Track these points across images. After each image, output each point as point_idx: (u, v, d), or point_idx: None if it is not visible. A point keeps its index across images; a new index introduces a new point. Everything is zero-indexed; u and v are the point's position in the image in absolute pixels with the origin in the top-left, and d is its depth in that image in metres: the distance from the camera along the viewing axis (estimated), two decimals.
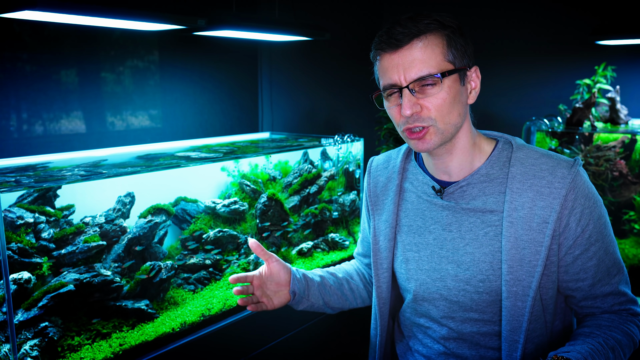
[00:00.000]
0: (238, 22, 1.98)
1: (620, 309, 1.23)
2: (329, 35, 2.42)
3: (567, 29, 2.77)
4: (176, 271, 1.98)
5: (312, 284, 1.37)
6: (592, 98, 2.49)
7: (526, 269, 1.16)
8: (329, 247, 2.47)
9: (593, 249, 1.18)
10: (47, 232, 1.71)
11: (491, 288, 1.20)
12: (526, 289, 1.16)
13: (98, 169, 1.91)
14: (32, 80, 2.21)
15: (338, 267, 1.54)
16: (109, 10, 1.57)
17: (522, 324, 1.17)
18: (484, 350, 1.25)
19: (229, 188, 2.34)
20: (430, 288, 1.27)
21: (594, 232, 1.17)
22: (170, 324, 1.82)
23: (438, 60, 1.13)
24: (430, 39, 1.14)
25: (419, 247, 1.30)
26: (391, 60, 1.14)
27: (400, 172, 1.36)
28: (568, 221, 1.15)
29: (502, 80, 2.99)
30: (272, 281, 1.34)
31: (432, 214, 1.28)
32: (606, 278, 1.20)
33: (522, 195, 1.17)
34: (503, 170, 1.22)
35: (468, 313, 1.24)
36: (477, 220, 1.22)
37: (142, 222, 1.93)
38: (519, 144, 1.25)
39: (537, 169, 1.19)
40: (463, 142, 1.23)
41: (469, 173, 1.24)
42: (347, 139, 2.50)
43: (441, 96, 1.13)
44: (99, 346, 1.66)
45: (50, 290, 1.60)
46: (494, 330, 1.23)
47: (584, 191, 1.17)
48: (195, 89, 2.76)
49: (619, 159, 2.40)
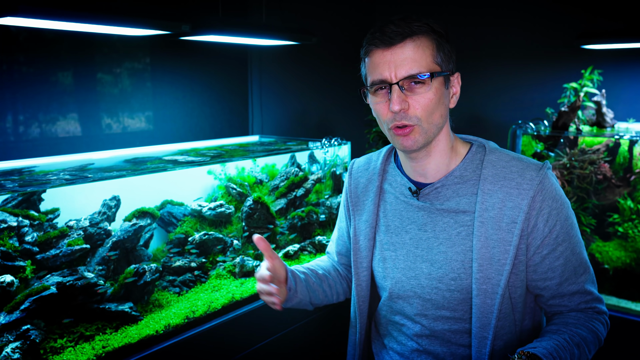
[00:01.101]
0: (222, 27, 2.00)
1: (587, 307, 1.26)
2: (316, 39, 2.44)
3: (555, 34, 2.79)
4: (161, 274, 1.99)
5: (300, 280, 1.39)
6: (577, 102, 2.51)
7: (495, 267, 1.19)
8: (316, 249, 2.48)
9: (560, 249, 1.21)
10: (31, 236, 1.73)
11: (462, 286, 1.23)
12: (495, 286, 1.19)
13: (84, 172, 1.93)
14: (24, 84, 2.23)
15: (315, 264, 1.55)
16: (90, 16, 1.59)
17: (491, 321, 1.20)
18: (455, 347, 1.28)
19: (216, 191, 2.36)
20: (405, 286, 1.31)
21: (561, 232, 1.21)
22: (154, 327, 1.83)
23: (428, 61, 1.16)
24: (422, 40, 1.17)
25: (396, 246, 1.33)
26: (383, 57, 1.17)
27: (381, 173, 1.39)
28: (536, 222, 1.19)
29: (491, 84, 3.01)
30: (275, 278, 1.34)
31: (409, 214, 1.31)
32: (573, 277, 1.24)
33: (493, 196, 1.21)
34: (476, 172, 1.26)
35: (440, 311, 1.27)
36: (450, 221, 1.25)
37: (127, 226, 1.95)
38: (492, 148, 1.29)
39: (508, 171, 1.23)
40: (442, 145, 1.26)
41: (444, 175, 1.27)
42: (334, 142, 2.52)
43: (428, 96, 1.16)
44: (81, 348, 1.68)
45: (33, 294, 1.61)
46: (465, 328, 1.26)
47: (552, 193, 1.20)
48: (185, 92, 2.78)
49: (603, 162, 2.42)
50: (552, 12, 2.78)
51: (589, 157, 2.41)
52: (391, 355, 1.40)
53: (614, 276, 2.36)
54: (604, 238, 2.44)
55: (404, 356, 1.36)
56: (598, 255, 2.39)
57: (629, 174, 2.41)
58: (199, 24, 1.99)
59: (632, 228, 2.34)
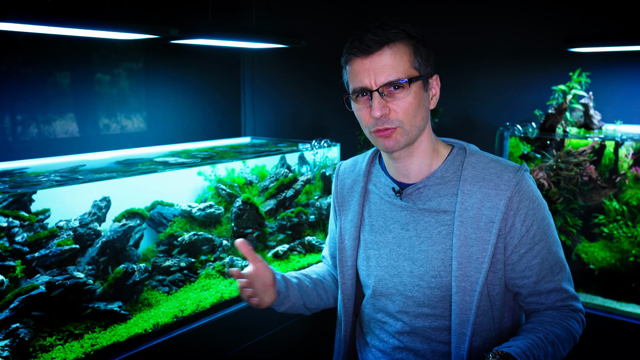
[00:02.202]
0: (211, 31, 2.03)
1: (563, 305, 1.31)
2: (305, 42, 2.47)
3: (545, 36, 2.81)
4: (150, 273, 2.03)
5: (291, 284, 1.43)
6: (564, 104, 2.53)
7: (474, 265, 1.23)
8: (306, 249, 2.51)
9: (537, 248, 1.26)
10: (21, 236, 1.77)
11: (442, 283, 1.27)
12: (474, 284, 1.23)
13: (75, 174, 1.96)
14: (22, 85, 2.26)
15: (310, 270, 1.59)
16: (78, 21, 1.62)
17: (469, 318, 1.24)
18: (435, 344, 1.32)
19: (206, 192, 2.39)
20: (388, 283, 1.35)
21: (538, 232, 1.25)
22: (143, 325, 1.86)
23: (406, 66, 1.21)
24: (399, 47, 1.21)
25: (380, 245, 1.37)
26: (362, 65, 1.21)
27: (366, 174, 1.44)
28: (514, 221, 1.23)
29: (479, 86, 3.04)
30: (259, 281, 1.37)
31: (392, 214, 1.36)
32: (549, 275, 1.28)
33: (472, 196, 1.25)
34: (456, 173, 1.30)
35: (421, 308, 1.31)
36: (432, 220, 1.30)
37: (116, 226, 1.98)
38: (472, 150, 1.33)
39: (487, 172, 1.27)
40: (424, 146, 1.30)
41: (426, 175, 1.31)
42: (324, 144, 2.55)
43: (408, 100, 1.21)
44: (70, 346, 1.71)
45: (22, 293, 1.65)
46: (445, 325, 1.30)
47: (529, 194, 1.25)
48: (178, 94, 2.81)
49: (589, 163, 2.44)
50: (541, 15, 2.80)
51: (574, 159, 2.44)
52: (373, 353, 1.43)
53: (600, 276, 2.39)
54: (590, 239, 2.47)
55: (385, 353, 1.40)
56: (584, 256, 2.42)
57: (614, 176, 2.44)
58: (187, 28, 2.02)
59: (617, 229, 2.36)
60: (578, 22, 2.68)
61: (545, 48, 2.82)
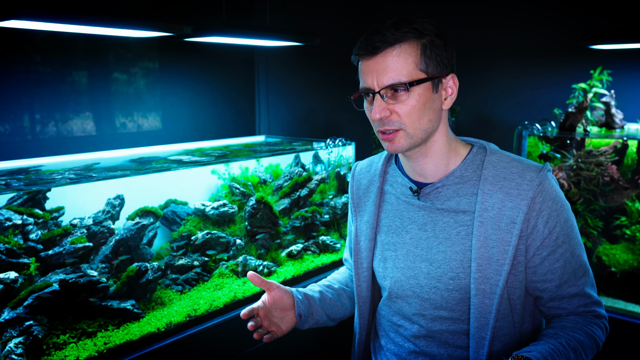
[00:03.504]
0: (224, 28, 2.02)
1: (585, 310, 1.26)
2: (319, 40, 2.45)
3: (564, 33, 2.76)
4: (163, 272, 2.02)
5: (314, 301, 1.41)
6: (584, 102, 2.47)
7: (494, 267, 1.20)
8: (320, 249, 2.49)
9: (560, 250, 1.22)
10: (35, 234, 1.77)
11: (460, 285, 1.24)
12: (494, 287, 1.20)
13: (89, 172, 1.96)
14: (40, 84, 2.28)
15: (332, 278, 1.58)
16: (92, 19, 1.62)
17: (489, 321, 1.20)
18: (453, 349, 1.29)
19: (219, 191, 2.38)
20: (404, 285, 1.32)
21: (561, 234, 1.21)
22: (156, 324, 1.86)
23: (409, 69, 1.18)
24: (404, 48, 1.18)
25: (396, 246, 1.34)
26: (367, 66, 1.20)
27: (381, 175, 1.41)
28: (536, 223, 1.19)
29: (498, 85, 2.99)
30: (277, 308, 1.35)
31: (409, 214, 1.33)
32: (572, 279, 1.24)
33: (493, 196, 1.22)
34: (476, 172, 1.27)
35: (438, 311, 1.28)
36: (450, 220, 1.26)
37: (130, 224, 1.98)
38: (493, 149, 1.30)
39: (508, 172, 1.24)
40: (438, 146, 1.27)
41: (444, 175, 1.28)
42: (339, 142, 2.53)
43: (410, 103, 1.18)
44: (83, 345, 1.71)
45: (36, 290, 1.65)
46: (463, 329, 1.27)
47: (552, 195, 1.21)
48: (192, 93, 2.81)
49: (610, 164, 2.39)
50: (561, 12, 2.75)
51: (595, 159, 2.38)
52: (388, 357, 1.40)
53: (621, 279, 2.33)
54: (611, 241, 2.41)
55: (401, 357, 1.37)
56: (605, 258, 2.36)
57: (637, 176, 2.37)
58: (201, 26, 2.02)
59: None
60: (598, 18, 2.62)
61: (564, 45, 2.76)
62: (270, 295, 1.33)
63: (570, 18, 2.73)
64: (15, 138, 2.25)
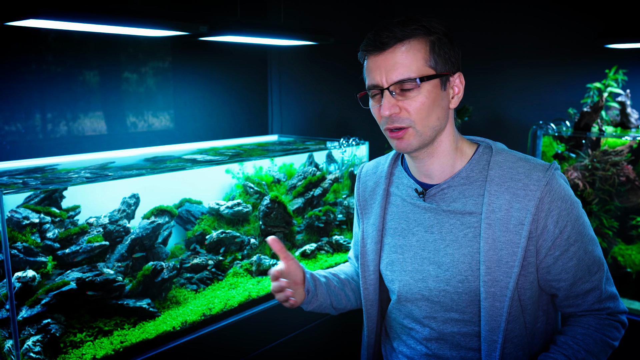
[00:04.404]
0: (239, 27, 2.02)
1: (600, 307, 1.24)
2: (333, 39, 2.45)
3: (579, 32, 2.74)
4: (178, 271, 2.02)
5: (320, 284, 1.41)
6: (600, 102, 2.46)
7: (503, 270, 1.18)
8: (333, 249, 2.49)
9: (572, 249, 1.20)
10: (52, 232, 1.78)
11: (470, 288, 1.22)
12: (504, 289, 1.18)
13: (104, 171, 1.97)
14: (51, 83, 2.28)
15: (338, 269, 1.57)
16: (108, 18, 1.62)
17: (500, 324, 1.19)
18: (465, 351, 1.27)
19: (233, 190, 2.38)
20: (413, 289, 1.30)
21: (573, 232, 1.19)
22: (171, 323, 1.86)
23: (419, 65, 1.16)
24: (413, 44, 1.17)
25: (403, 249, 1.33)
26: (375, 62, 1.19)
27: (388, 176, 1.40)
28: (545, 223, 1.17)
29: (512, 85, 2.97)
30: (290, 279, 1.35)
31: (415, 216, 1.31)
32: (587, 276, 1.22)
33: (500, 197, 1.20)
34: (482, 173, 1.25)
35: (449, 313, 1.26)
36: (457, 222, 1.24)
37: (145, 223, 1.98)
38: (499, 148, 1.28)
39: (514, 172, 1.21)
40: (445, 146, 1.25)
41: (450, 176, 1.27)
42: (352, 142, 2.52)
43: (420, 100, 1.17)
44: (100, 343, 1.72)
45: (53, 288, 1.65)
46: (474, 331, 1.25)
47: (560, 193, 1.19)
48: (205, 92, 2.81)
49: (626, 163, 2.37)
50: (574, 11, 2.73)
51: (611, 159, 2.36)
52: (400, 359, 1.40)
53: (637, 280, 2.31)
54: (627, 241, 2.39)
55: None
56: (620, 259, 2.34)
57: None
58: (216, 25, 2.02)
59: None
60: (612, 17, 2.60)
61: (578, 45, 2.74)
62: (286, 265, 1.31)
63: (584, 17, 2.71)
64: (28, 137, 2.26)
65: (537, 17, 2.84)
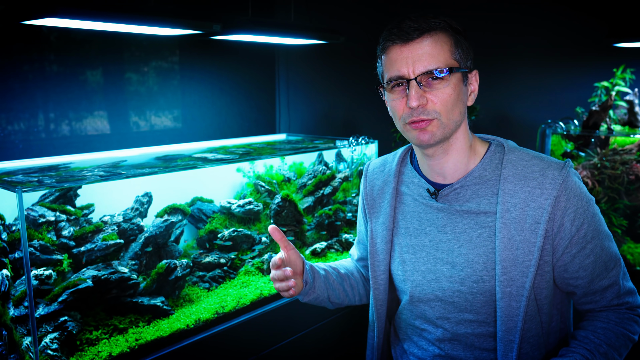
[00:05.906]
0: (252, 26, 2.02)
1: (619, 302, 1.24)
2: (344, 38, 2.45)
3: (586, 32, 2.75)
4: (191, 269, 2.03)
5: (318, 276, 1.39)
6: (608, 101, 2.47)
7: (520, 269, 1.17)
8: (343, 247, 2.50)
9: (590, 246, 1.20)
10: (68, 230, 1.78)
11: (485, 289, 1.21)
12: (520, 289, 1.17)
13: (117, 169, 1.97)
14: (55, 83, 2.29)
15: (339, 263, 1.55)
16: (124, 16, 1.63)
17: (517, 324, 1.18)
18: (479, 351, 1.26)
19: (244, 189, 2.39)
20: (426, 289, 1.29)
21: (589, 230, 1.19)
22: (185, 321, 1.87)
23: (446, 56, 1.16)
24: (439, 36, 1.16)
25: (416, 249, 1.31)
26: (400, 53, 1.17)
27: (396, 175, 1.38)
28: (562, 221, 1.17)
29: (520, 83, 2.98)
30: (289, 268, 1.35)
31: (427, 216, 1.30)
32: (604, 272, 1.22)
33: (514, 196, 1.19)
34: (495, 172, 1.24)
35: (463, 314, 1.26)
36: (471, 222, 1.23)
37: (159, 222, 1.99)
38: (511, 147, 1.27)
39: (529, 170, 1.20)
40: (460, 143, 1.24)
41: (463, 175, 1.26)
42: (362, 141, 2.53)
43: (447, 91, 1.16)
44: (115, 341, 1.72)
45: (70, 286, 1.66)
46: (489, 332, 1.24)
47: (576, 191, 1.18)
48: (213, 91, 2.82)
49: (635, 162, 2.38)
50: (582, 10, 2.74)
51: (620, 157, 2.37)
52: None
53: None
54: (636, 239, 2.40)
55: None
56: (630, 257, 2.35)
57: None
58: (229, 23, 2.02)
59: None
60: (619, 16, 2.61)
61: (585, 44, 2.75)
62: (287, 254, 1.31)
63: (591, 16, 2.72)
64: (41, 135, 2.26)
65: (545, 16, 2.85)
